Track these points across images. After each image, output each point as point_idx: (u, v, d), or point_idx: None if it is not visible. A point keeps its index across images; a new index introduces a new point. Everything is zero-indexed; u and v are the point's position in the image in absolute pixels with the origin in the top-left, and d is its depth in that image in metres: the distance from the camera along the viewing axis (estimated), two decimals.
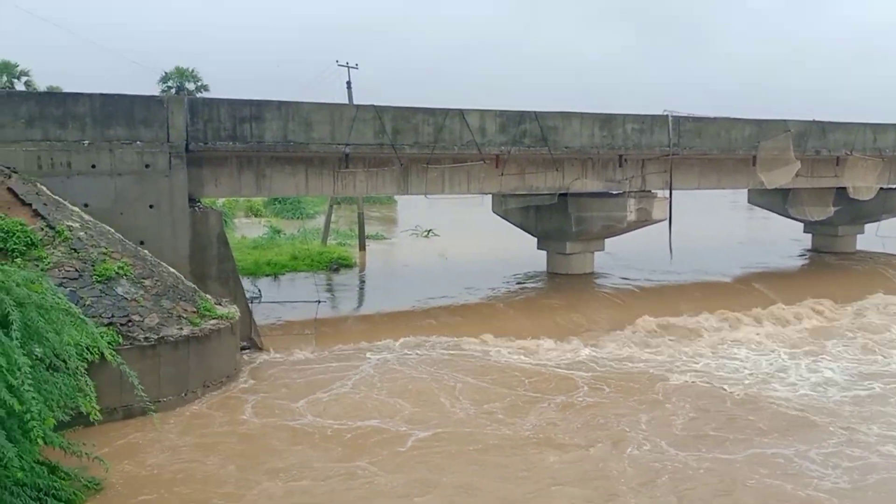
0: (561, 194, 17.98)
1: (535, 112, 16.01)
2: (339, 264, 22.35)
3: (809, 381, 12.49)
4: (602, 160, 17.71)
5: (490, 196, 20.11)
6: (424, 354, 13.36)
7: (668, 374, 12.63)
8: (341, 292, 19.66)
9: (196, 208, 13.58)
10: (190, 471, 8.43)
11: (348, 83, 26.82)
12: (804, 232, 25.90)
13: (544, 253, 20.57)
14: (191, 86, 40.38)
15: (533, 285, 19.26)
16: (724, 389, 11.89)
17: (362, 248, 26.28)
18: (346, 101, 24.21)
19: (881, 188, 21.87)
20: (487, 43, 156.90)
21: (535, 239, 20.82)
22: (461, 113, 15.19)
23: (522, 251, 22.01)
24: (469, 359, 13.25)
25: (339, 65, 26.76)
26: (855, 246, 24.56)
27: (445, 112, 15.07)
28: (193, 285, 12.26)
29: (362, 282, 21.53)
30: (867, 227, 24.63)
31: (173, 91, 38.59)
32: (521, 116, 15.84)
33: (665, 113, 17.71)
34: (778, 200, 24.14)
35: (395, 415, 10.42)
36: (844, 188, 21.39)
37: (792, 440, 9.71)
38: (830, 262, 23.29)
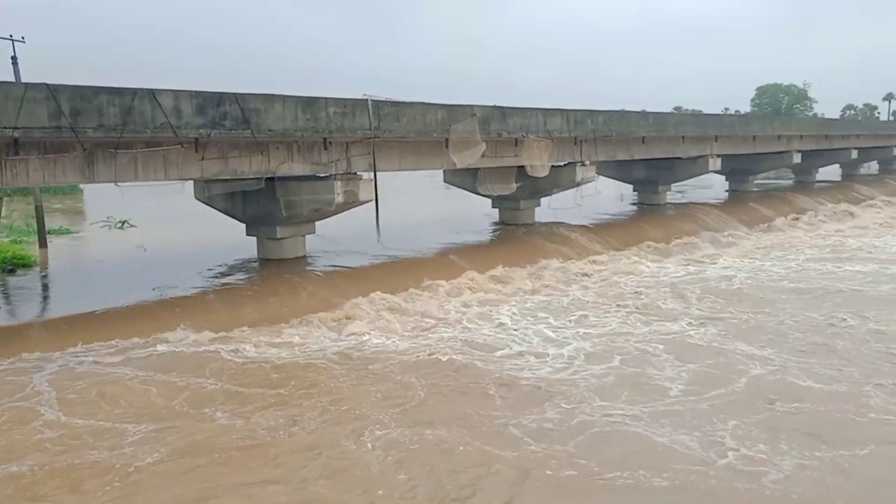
0: (268, 179, 17.69)
1: (235, 94, 15.42)
2: (14, 265, 19.52)
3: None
4: (308, 143, 17.75)
5: (192, 182, 19.08)
6: (117, 359, 12.36)
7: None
8: (19, 296, 17.19)
9: None
10: None
11: (13, 58, 23.47)
12: (492, 207, 28.69)
13: (254, 239, 20.16)
14: None
15: (241, 274, 18.74)
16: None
17: (43, 244, 23.24)
18: (14, 80, 21.18)
19: (552, 166, 25.03)
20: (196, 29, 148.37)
21: (244, 225, 20.28)
22: (152, 93, 14.05)
23: (231, 238, 21.29)
24: (170, 357, 12.57)
25: (1, 38, 23.32)
26: (534, 218, 27.89)
27: (134, 92, 13.81)
28: None
29: (45, 283, 19.09)
30: (542, 200, 28.08)
31: None
32: (221, 98, 15.17)
33: (365, 97, 18.29)
34: (469, 179, 26.52)
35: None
36: (523, 167, 24.07)
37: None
38: (515, 233, 26.17)
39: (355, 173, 18.92)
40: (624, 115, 28.37)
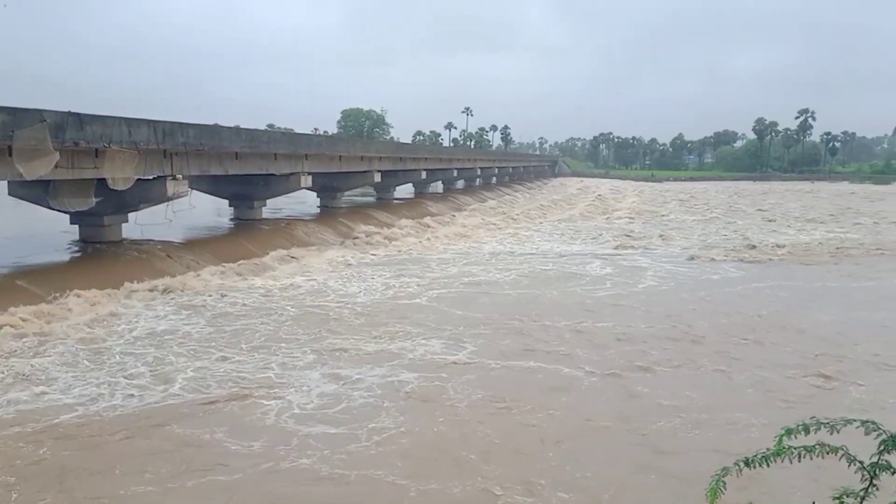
0: None
1: None
2: None
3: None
4: None
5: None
6: None
7: None
8: None
9: None
10: None
11: None
12: (71, 224, 25.79)
13: None
14: None
15: None
16: None
17: None
18: None
19: (139, 179, 23.51)
20: None
21: None
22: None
23: None
24: None
25: None
26: (121, 234, 25.82)
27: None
28: None
29: None
30: (131, 216, 26.20)
31: None
32: None
33: None
34: (40, 192, 23.33)
35: None
36: (105, 179, 22.16)
37: None
38: (100, 251, 23.93)
39: None
40: (217, 130, 28.06)
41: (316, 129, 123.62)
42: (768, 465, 3.50)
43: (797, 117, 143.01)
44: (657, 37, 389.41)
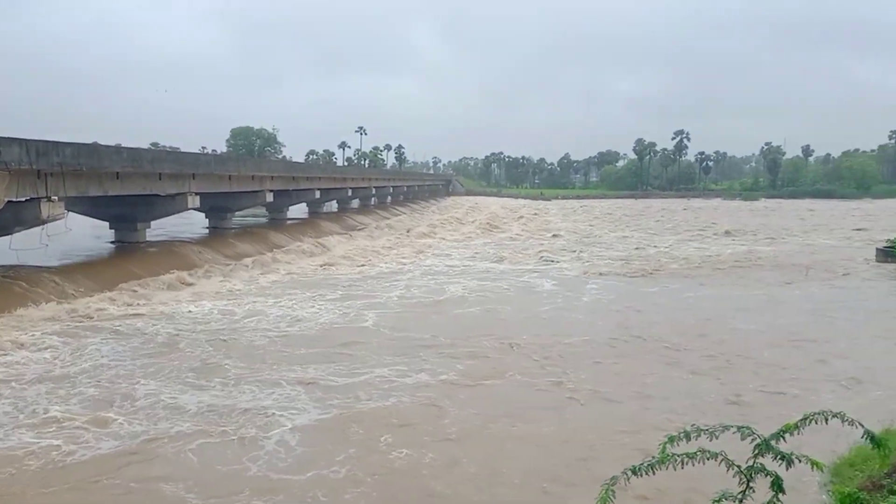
0: None
1: None
2: None
3: None
4: None
5: None
6: None
7: None
8: None
9: None
10: None
11: None
12: None
13: None
14: None
15: None
16: None
17: None
18: None
19: (10, 201, 22.16)
20: None
21: None
22: None
23: None
24: None
25: None
26: None
27: None
28: None
29: None
30: (4, 240, 24.59)
31: None
32: None
33: None
34: None
35: None
36: None
37: None
38: None
39: None
40: (96, 149, 26.81)
41: (204, 148, 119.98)
42: (654, 473, 3.60)
43: (673, 138, 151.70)
44: (542, 61, 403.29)
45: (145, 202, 32.18)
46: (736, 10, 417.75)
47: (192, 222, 44.54)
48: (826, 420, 3.78)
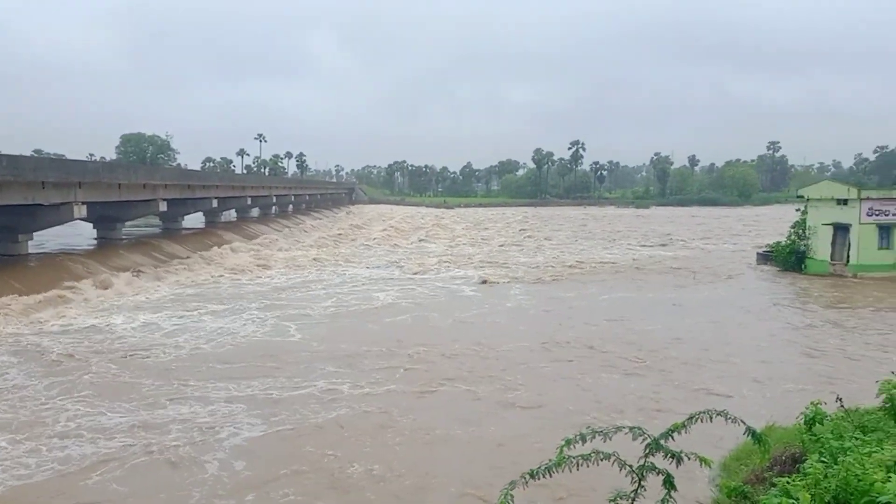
0: None
1: None
2: None
3: None
4: None
5: None
6: None
7: None
8: None
9: None
10: None
11: None
12: None
13: None
14: None
15: None
16: None
17: None
18: None
19: None
20: None
21: None
22: None
23: None
24: None
25: None
26: None
27: None
28: None
29: None
30: None
31: None
32: None
33: None
34: None
35: None
36: None
37: None
38: None
39: None
40: None
41: (91, 155, 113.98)
42: (551, 476, 3.66)
43: (570, 148, 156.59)
44: (445, 72, 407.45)
45: (27, 212, 30.19)
46: (628, 30, 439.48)
47: (80, 233, 42.18)
48: (711, 418, 4.02)
